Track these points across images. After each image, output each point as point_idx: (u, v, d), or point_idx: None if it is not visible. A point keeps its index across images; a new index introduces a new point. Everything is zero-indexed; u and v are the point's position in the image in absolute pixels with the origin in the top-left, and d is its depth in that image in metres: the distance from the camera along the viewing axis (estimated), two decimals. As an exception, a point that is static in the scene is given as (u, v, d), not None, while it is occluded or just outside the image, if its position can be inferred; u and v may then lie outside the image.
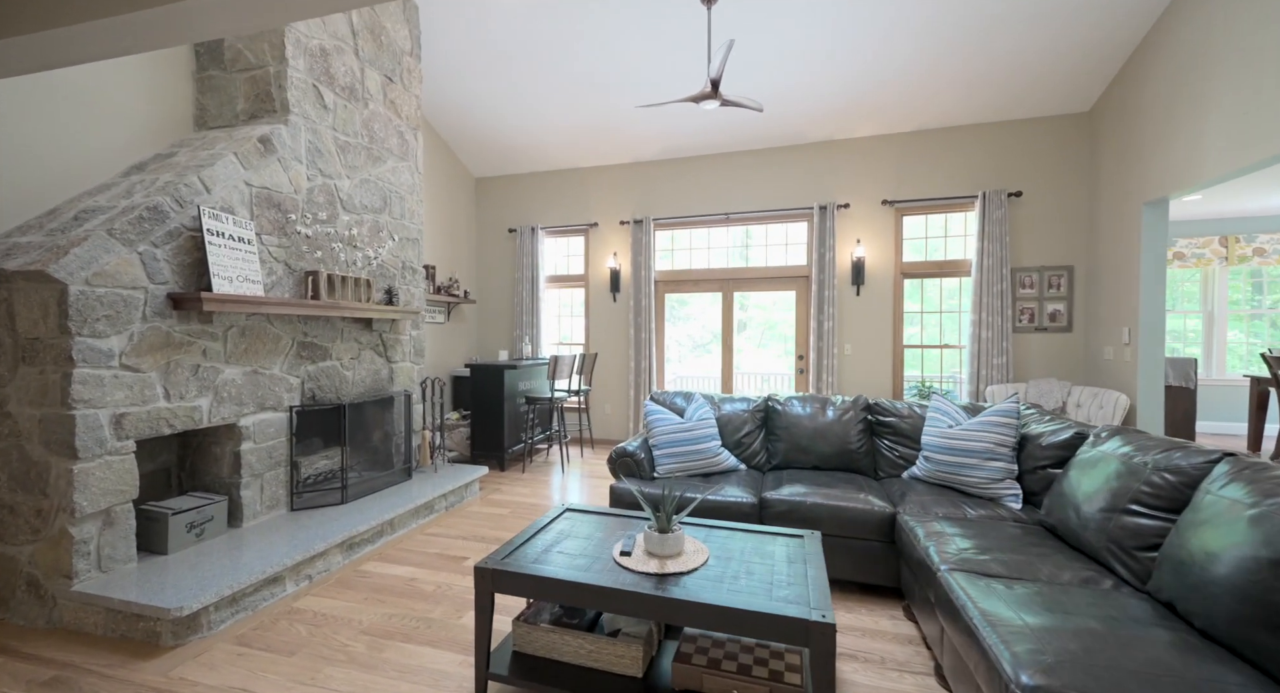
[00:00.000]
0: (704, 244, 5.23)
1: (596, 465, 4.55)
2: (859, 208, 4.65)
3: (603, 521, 2.00)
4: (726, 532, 1.90)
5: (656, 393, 3.18)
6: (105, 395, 2.06)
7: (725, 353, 5.14)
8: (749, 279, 5.02)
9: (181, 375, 2.33)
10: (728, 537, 1.85)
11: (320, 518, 2.75)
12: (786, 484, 2.50)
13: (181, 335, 2.33)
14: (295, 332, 2.88)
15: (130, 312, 2.14)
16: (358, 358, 3.30)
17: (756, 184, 4.90)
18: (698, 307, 6.77)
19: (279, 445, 2.78)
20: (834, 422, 2.82)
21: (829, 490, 2.39)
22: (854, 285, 4.66)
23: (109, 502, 2.07)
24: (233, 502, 2.60)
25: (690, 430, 2.74)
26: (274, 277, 2.76)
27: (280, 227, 2.78)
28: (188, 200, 2.35)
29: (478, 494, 3.74)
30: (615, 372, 5.38)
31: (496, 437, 4.35)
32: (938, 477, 2.42)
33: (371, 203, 3.40)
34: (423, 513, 3.17)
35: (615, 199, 5.32)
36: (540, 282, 5.47)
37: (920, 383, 4.46)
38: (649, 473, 2.71)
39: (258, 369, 2.67)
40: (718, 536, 1.86)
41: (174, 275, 2.30)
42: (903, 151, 4.53)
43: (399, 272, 3.66)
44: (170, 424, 2.29)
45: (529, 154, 5.30)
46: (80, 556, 1.99)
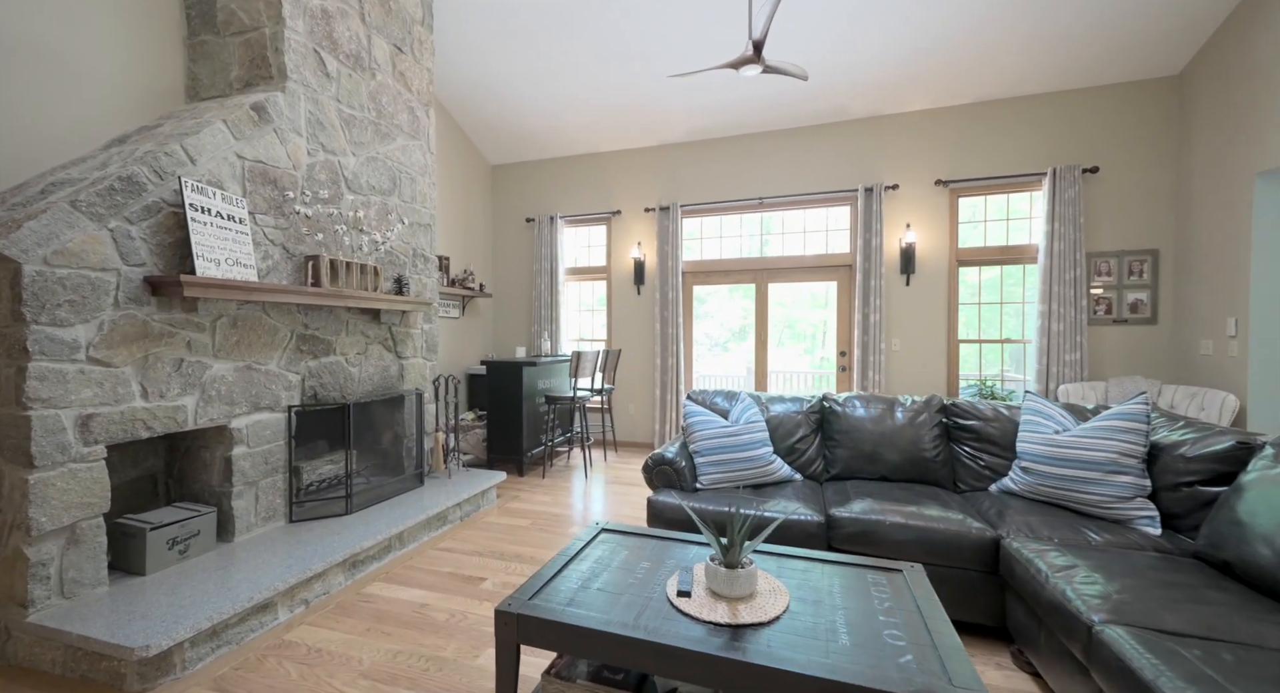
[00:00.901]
0: (735, 232, 4.85)
1: (621, 470, 4.21)
2: (909, 189, 4.23)
3: (647, 545, 1.66)
4: (802, 563, 1.54)
5: (695, 392, 2.83)
6: (69, 394, 1.78)
7: (759, 349, 4.76)
8: (785, 269, 4.63)
9: (162, 371, 2.04)
10: (805, 570, 1.49)
11: (321, 531, 2.45)
12: (855, 499, 2.13)
13: (162, 325, 2.04)
14: (294, 323, 2.59)
15: (99, 297, 1.86)
16: (365, 353, 3.00)
17: (793, 166, 4.51)
18: (715, 303, 6.39)
19: (276, 450, 2.49)
20: (904, 425, 2.43)
21: (908, 508, 2.01)
22: (903, 275, 4.25)
23: (73, 517, 1.79)
24: (223, 513, 2.32)
25: (737, 435, 2.38)
26: (270, 261, 2.47)
27: (277, 206, 2.49)
28: (168, 172, 2.06)
29: (495, 502, 3.43)
30: (639, 370, 5.03)
31: (514, 439, 4.03)
32: (1042, 493, 2.02)
33: (379, 183, 3.11)
34: (435, 524, 2.87)
35: (640, 185, 4.97)
36: (560, 274, 5.15)
37: (980, 382, 4.04)
38: (690, 484, 2.36)
39: (252, 365, 2.38)
40: (793, 569, 1.50)
41: (153, 257, 2.01)
42: (959, 126, 4.10)
43: (409, 259, 3.36)
44: (148, 427, 2.00)
45: (548, 139, 4.98)
46: (38, 580, 1.70)
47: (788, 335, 8.22)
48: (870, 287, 4.24)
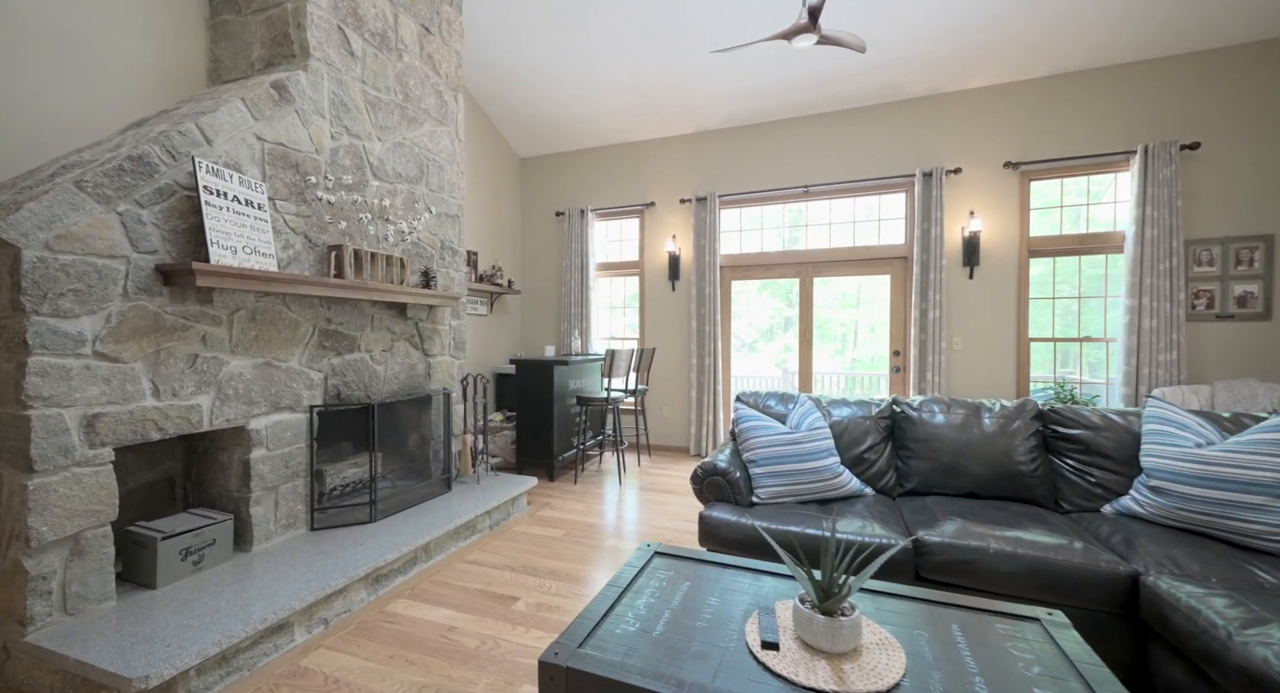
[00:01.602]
0: (777, 223, 4.55)
1: (656, 476, 3.96)
2: (973, 173, 3.86)
3: (710, 575, 1.40)
4: (905, 604, 1.26)
5: (746, 394, 2.55)
6: (73, 391, 1.63)
7: (803, 348, 4.45)
8: (832, 263, 4.30)
9: (175, 367, 1.89)
10: (910, 614, 1.21)
11: (343, 541, 2.27)
12: (942, 519, 1.83)
13: (174, 318, 1.89)
14: (317, 317, 2.42)
15: (107, 286, 1.71)
16: (390, 350, 2.83)
17: (842, 151, 4.19)
18: (742, 303, 6.08)
19: (297, 453, 2.33)
20: (992, 434, 2.11)
21: (1010, 532, 1.70)
22: (966, 267, 3.88)
23: (77, 526, 1.64)
24: (240, 520, 2.16)
25: (800, 443, 2.10)
26: (291, 251, 2.30)
27: (299, 192, 2.33)
28: (182, 152, 1.90)
29: (525, 510, 3.22)
30: (673, 370, 4.78)
31: (545, 442, 3.83)
32: (1182, 518, 1.68)
33: (406, 171, 2.94)
34: (463, 534, 2.67)
35: (675, 175, 4.72)
36: (590, 269, 4.94)
37: (1057, 385, 3.64)
38: (746, 497, 2.09)
39: (271, 361, 2.23)
40: (894, 611, 1.23)
41: (165, 244, 1.86)
42: (1031, 103, 3.71)
43: (437, 252, 3.18)
44: (159, 428, 1.84)
45: (578, 128, 4.78)
46: (38, 596, 1.55)
47: (815, 336, 7.80)
48: (929, 280, 3.89)
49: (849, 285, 6.89)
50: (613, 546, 2.66)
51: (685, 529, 2.89)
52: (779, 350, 8.10)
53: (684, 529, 2.89)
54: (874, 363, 6.43)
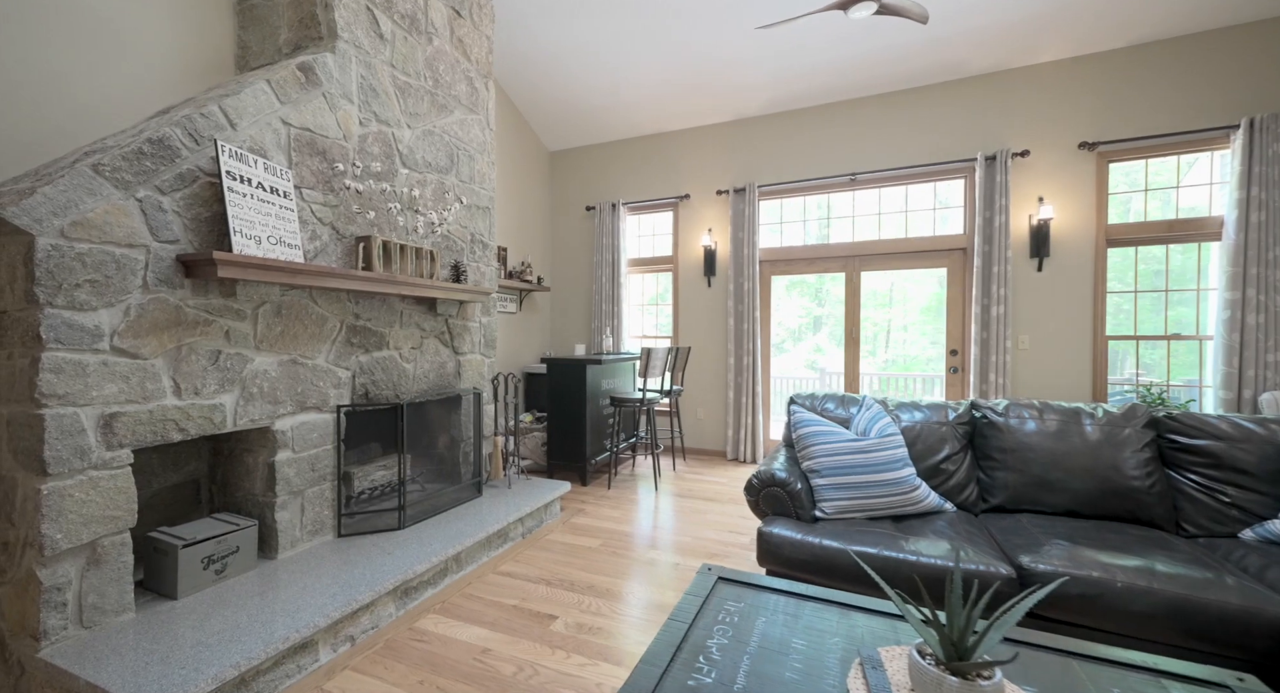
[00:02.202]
0: (822, 214, 4.28)
1: (694, 482, 3.75)
2: (1043, 155, 3.52)
3: (788, 609, 1.19)
4: (1041, 656, 1.02)
5: (801, 395, 2.33)
6: (89, 389, 1.52)
7: (849, 347, 4.17)
8: (883, 255, 4.02)
9: (197, 364, 1.78)
10: (1051, 670, 0.98)
11: (371, 550, 2.14)
12: (1044, 541, 1.58)
13: (197, 312, 1.78)
14: (344, 313, 2.30)
15: (125, 277, 1.60)
16: (419, 348, 2.70)
17: (894, 135, 3.90)
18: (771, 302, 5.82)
19: (324, 455, 2.21)
20: (1097, 443, 1.84)
21: (1131, 560, 1.43)
22: (1034, 259, 3.55)
23: (94, 533, 1.53)
24: (265, 526, 2.05)
25: (871, 451, 1.86)
26: (318, 242, 2.19)
27: (325, 180, 2.21)
28: (205, 135, 1.79)
29: (558, 516, 3.05)
30: (709, 369, 4.56)
31: (577, 445, 3.66)
32: (1357, 550, 1.39)
33: (436, 160, 2.81)
34: (495, 543, 2.51)
35: (711, 165, 4.50)
36: (622, 265, 4.76)
37: (1144, 388, 3.28)
38: (808, 510, 1.86)
39: (297, 358, 2.11)
40: (1028, 666, 0.99)
41: (187, 233, 1.75)
42: (1110, 76, 3.36)
43: (467, 245, 3.05)
44: (181, 428, 1.74)
45: (610, 119, 4.60)
46: (51, 608, 1.45)
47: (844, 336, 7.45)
48: (992, 273, 3.57)
49: (880, 283, 6.57)
50: (654, 558, 2.47)
51: (731, 542, 2.68)
52: (809, 351, 7.79)
53: (729, 542, 2.68)
54: (908, 364, 6.11)
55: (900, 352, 6.53)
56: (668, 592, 2.14)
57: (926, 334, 6.67)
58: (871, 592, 1.59)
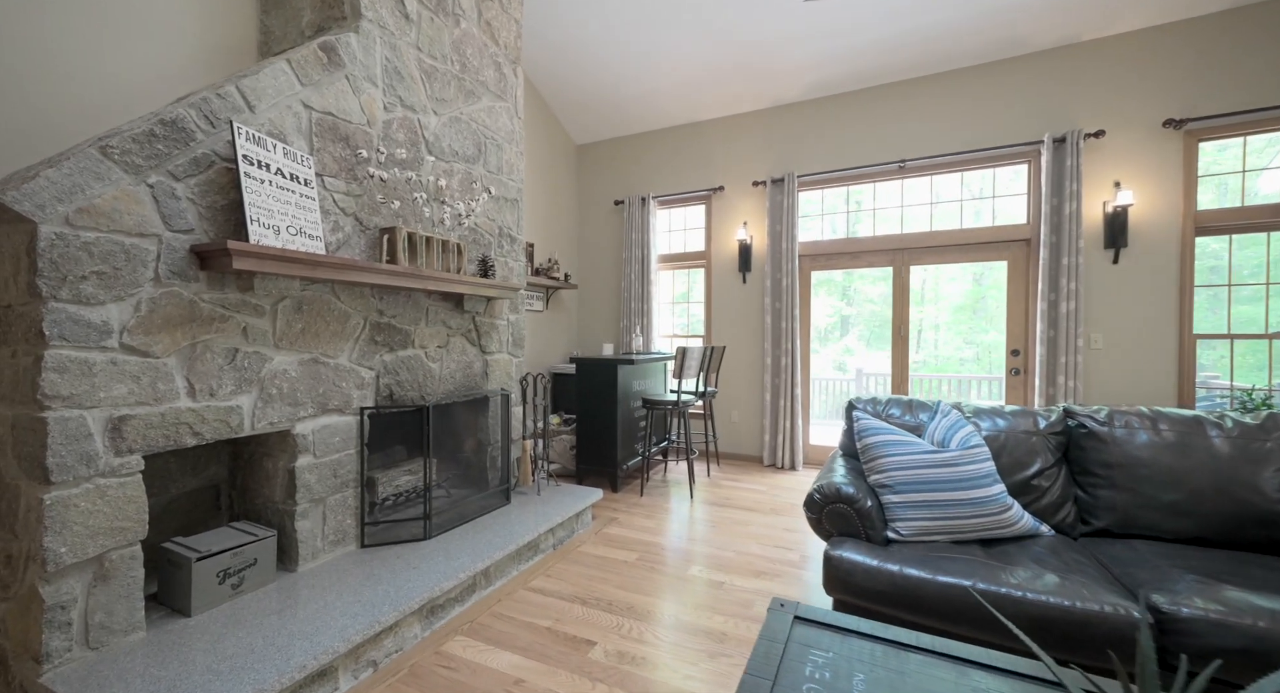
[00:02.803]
0: (866, 204, 4.01)
1: (730, 490, 3.54)
2: (1121, 135, 3.20)
3: (885, 659, 0.98)
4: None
5: (861, 399, 2.10)
6: (97, 390, 1.40)
7: (898, 345, 3.89)
8: (934, 248, 3.73)
9: (212, 363, 1.66)
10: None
11: (396, 563, 2.00)
12: (1173, 575, 1.33)
13: (212, 307, 1.66)
14: (368, 309, 2.17)
15: (135, 269, 1.48)
16: (445, 347, 2.56)
17: (949, 118, 3.61)
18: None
19: (346, 460, 2.08)
20: (1230, 458, 1.57)
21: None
22: (1109, 249, 3.23)
23: (101, 546, 1.41)
24: (285, 535, 1.92)
25: (954, 465, 1.63)
26: (340, 234, 2.06)
27: (349, 167, 2.08)
28: (221, 117, 1.67)
29: (590, 526, 2.88)
30: (743, 370, 4.33)
31: (608, 449, 3.49)
32: None
33: (463, 149, 2.67)
34: (525, 555, 2.35)
35: (747, 155, 4.27)
36: (652, 261, 4.57)
37: (1244, 394, 2.93)
38: (879, 531, 1.64)
39: (319, 357, 1.98)
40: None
41: (202, 222, 1.63)
42: (1201, 44, 3.02)
43: (494, 239, 2.90)
44: (195, 432, 1.61)
45: (640, 109, 4.42)
46: (54, 628, 1.33)
47: (870, 337, 7.17)
48: (1060, 266, 3.26)
49: (912, 281, 6.23)
50: (695, 576, 2.27)
51: (778, 559, 2.46)
52: (838, 352, 7.46)
53: (776, 558, 2.46)
54: (941, 365, 5.81)
55: (932, 353, 6.23)
56: (715, 616, 1.94)
57: (961, 333, 6.31)
58: (971, 634, 1.36)
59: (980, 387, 5.40)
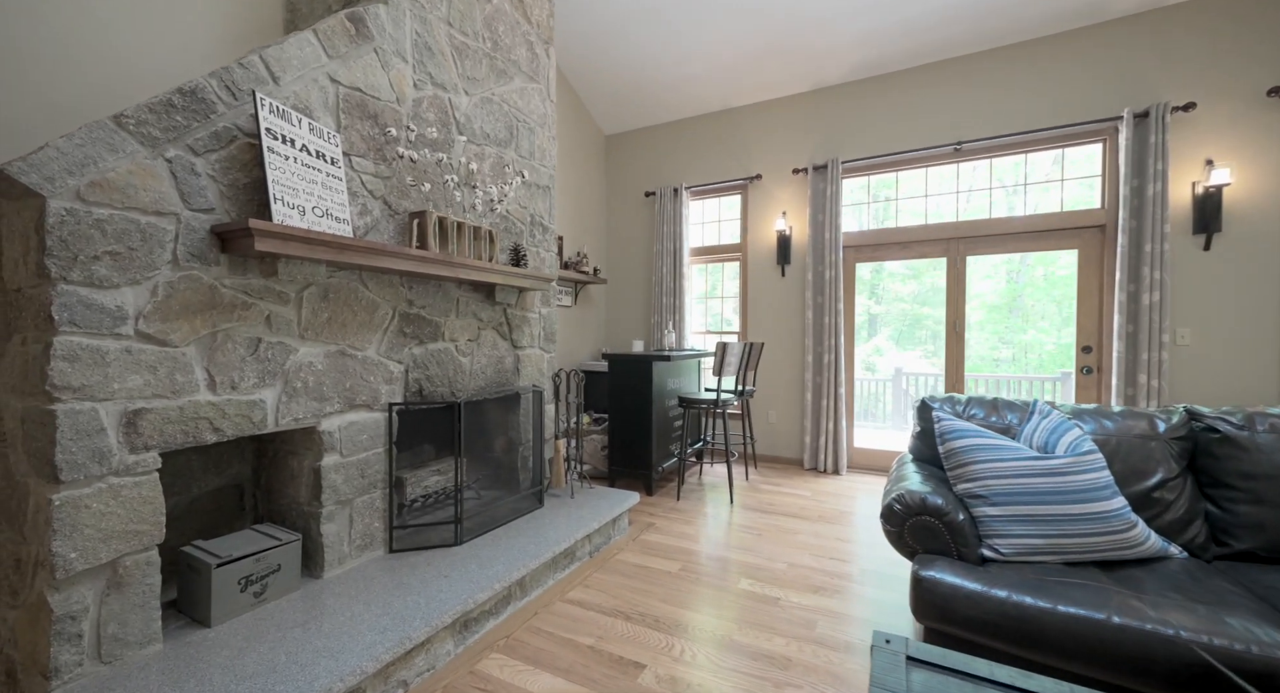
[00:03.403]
0: (917, 191, 3.75)
1: (771, 495, 3.32)
2: (1215, 109, 2.88)
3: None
4: None
5: (938, 398, 1.88)
6: (110, 381, 1.29)
7: (952, 342, 3.62)
8: (994, 236, 3.45)
9: (234, 354, 1.54)
10: None
11: (426, 571, 1.86)
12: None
13: (234, 293, 1.54)
14: (397, 299, 2.04)
15: (152, 250, 1.36)
16: (477, 340, 2.42)
17: (1011, 95, 3.33)
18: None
19: (374, 459, 1.95)
20: (1407, 471, 1.30)
21: None
22: (1199, 235, 2.91)
23: (115, 551, 1.30)
24: (310, 539, 1.80)
25: (1064, 473, 1.40)
26: (369, 218, 1.93)
27: (377, 147, 1.95)
28: (243, 89, 1.55)
29: (626, 532, 2.71)
30: (782, 368, 4.10)
31: (642, 450, 3.31)
32: None
33: (495, 132, 2.53)
34: (561, 563, 2.19)
35: (786, 141, 4.05)
36: (684, 255, 4.38)
37: (1365, 392, 2.59)
38: (973, 548, 1.42)
39: (346, 349, 1.85)
40: None
41: (223, 201, 1.51)
42: (1310, 2, 2.69)
43: (526, 227, 2.76)
44: (215, 427, 1.49)
45: (672, 96, 4.24)
46: (64, 640, 1.22)
47: (898, 336, 6.85)
48: (1142, 253, 2.96)
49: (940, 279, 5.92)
50: (748, 590, 2.07)
51: (837, 573, 2.24)
52: (868, 352, 7.14)
53: (835, 572, 2.25)
54: (975, 365, 5.52)
55: (971, 351, 5.89)
56: (774, 638, 1.74)
57: (998, 333, 5.96)
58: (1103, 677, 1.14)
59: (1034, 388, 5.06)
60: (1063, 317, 4.43)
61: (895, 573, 2.21)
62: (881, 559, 2.36)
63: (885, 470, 3.86)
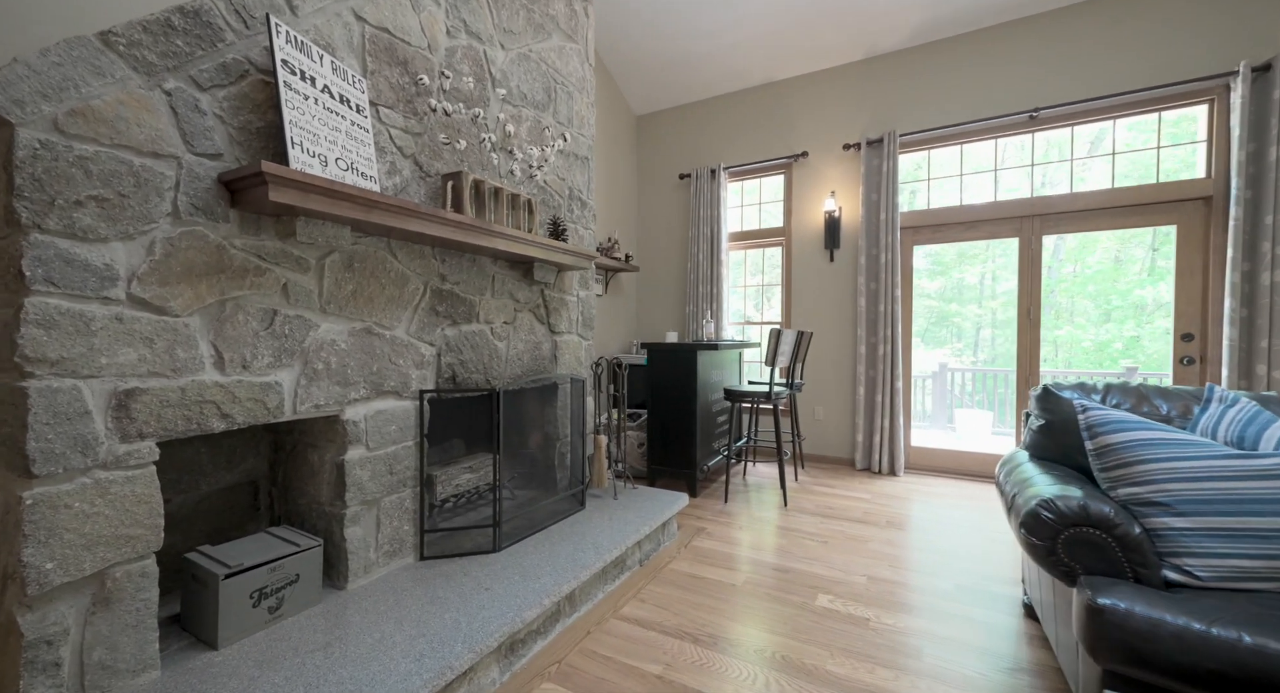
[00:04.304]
0: (984, 165, 3.43)
1: (828, 498, 3.03)
2: (1346, 58, 2.52)
3: None
4: None
5: (1062, 385, 1.58)
6: (96, 354, 1.06)
7: (1025, 330, 3.29)
8: (1075, 213, 3.11)
9: (245, 327, 1.31)
10: None
11: (464, 582, 1.61)
12: None
13: (245, 256, 1.31)
14: (429, 272, 1.80)
15: (148, 198, 1.14)
16: (513, 323, 2.18)
17: (1098, 55, 3.00)
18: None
19: (404, 453, 1.72)
20: None
21: None
22: (1326, 203, 2.54)
23: (102, 561, 1.07)
24: (333, 545, 1.57)
25: (1276, 476, 1.10)
26: (398, 178, 1.70)
27: (407, 98, 1.72)
28: (256, 16, 1.32)
29: (675, 537, 2.44)
30: (829, 360, 3.80)
31: (685, 448, 3.04)
32: None
33: (532, 93, 2.28)
34: (611, 573, 1.93)
35: (835, 115, 3.75)
36: (723, 240, 4.10)
37: None
38: (1154, 569, 1.13)
39: (373, 327, 1.62)
40: None
41: (233, 147, 1.28)
42: None
43: (565, 201, 2.51)
44: (224, 413, 1.26)
45: (709, 70, 3.96)
46: (37, 670, 0.99)
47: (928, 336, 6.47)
48: (1260, 227, 2.61)
49: (970, 275, 5.54)
50: (829, 609, 1.79)
51: (923, 587, 1.95)
52: None
53: (920, 587, 1.96)
54: (1001, 363, 5.20)
55: (993, 351, 5.57)
56: (876, 669, 1.46)
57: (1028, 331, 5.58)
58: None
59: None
60: (1101, 312, 4.08)
61: (998, 591, 1.91)
62: (975, 574, 2.06)
63: (946, 472, 3.54)
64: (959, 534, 2.46)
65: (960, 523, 2.61)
